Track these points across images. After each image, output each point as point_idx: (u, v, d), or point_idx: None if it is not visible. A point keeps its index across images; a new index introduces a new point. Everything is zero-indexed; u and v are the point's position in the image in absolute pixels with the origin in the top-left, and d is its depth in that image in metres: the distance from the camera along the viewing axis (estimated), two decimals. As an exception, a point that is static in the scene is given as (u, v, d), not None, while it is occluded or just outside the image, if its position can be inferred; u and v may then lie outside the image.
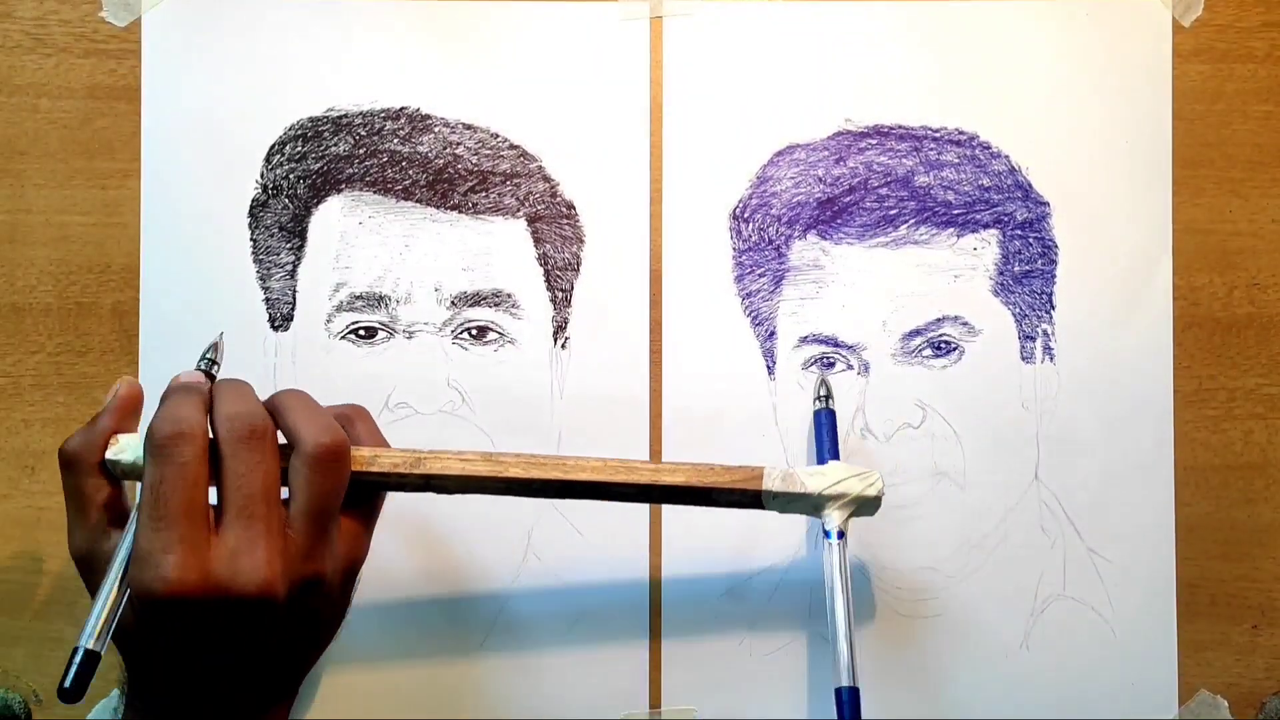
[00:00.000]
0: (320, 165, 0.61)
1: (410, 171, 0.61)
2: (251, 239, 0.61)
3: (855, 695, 0.53)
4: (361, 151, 0.61)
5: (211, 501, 0.49)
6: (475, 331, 0.61)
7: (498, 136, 0.62)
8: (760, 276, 0.61)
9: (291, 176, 0.61)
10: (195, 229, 0.61)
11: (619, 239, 0.61)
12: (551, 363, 0.61)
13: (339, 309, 0.61)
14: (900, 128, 0.62)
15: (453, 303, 0.61)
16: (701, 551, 0.61)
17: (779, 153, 0.62)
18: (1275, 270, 0.62)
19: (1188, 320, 0.61)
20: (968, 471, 0.61)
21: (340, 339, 0.61)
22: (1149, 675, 0.60)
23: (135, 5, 0.61)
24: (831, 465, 0.56)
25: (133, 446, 0.51)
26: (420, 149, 0.61)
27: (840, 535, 0.55)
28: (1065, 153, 0.62)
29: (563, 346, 0.61)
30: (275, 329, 0.61)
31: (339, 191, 0.61)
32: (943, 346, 0.61)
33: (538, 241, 0.61)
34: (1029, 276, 0.61)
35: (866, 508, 0.55)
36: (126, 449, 0.51)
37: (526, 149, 0.62)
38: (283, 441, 0.51)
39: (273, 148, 0.61)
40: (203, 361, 0.54)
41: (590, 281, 0.61)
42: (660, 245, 0.62)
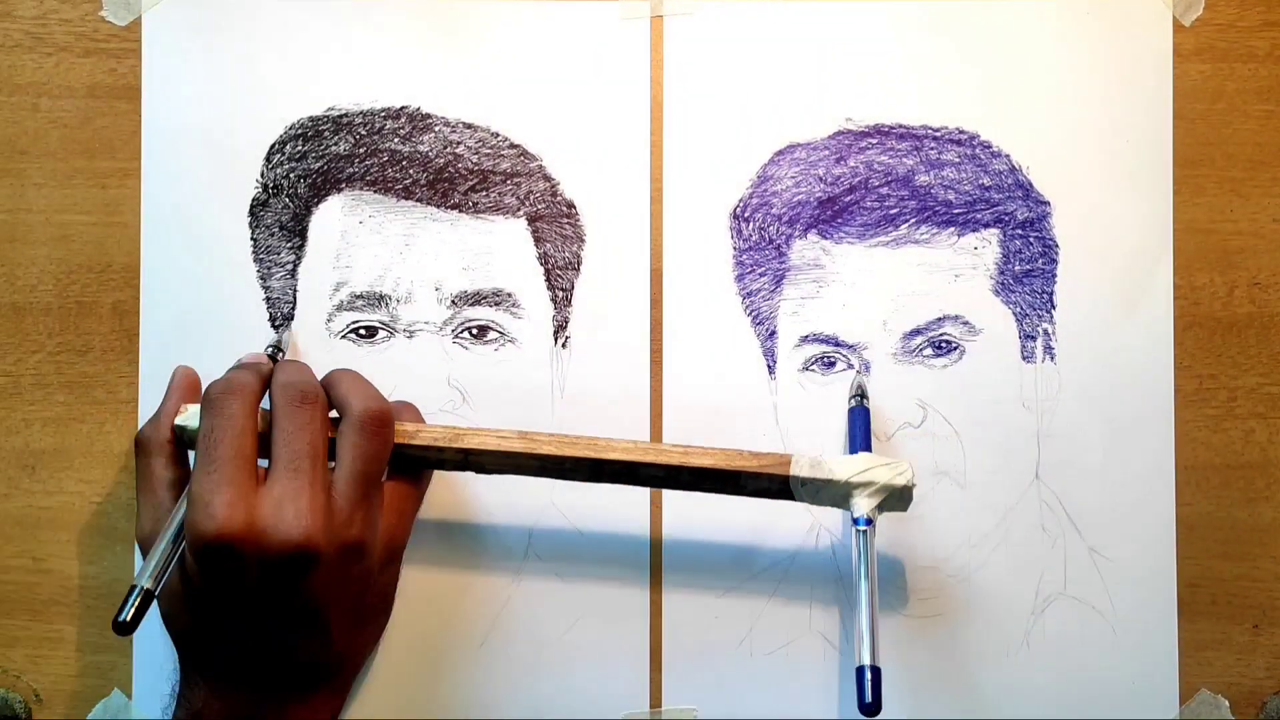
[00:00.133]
0: (320, 164, 0.61)
1: (410, 171, 0.61)
2: (252, 238, 0.61)
3: (877, 674, 0.53)
4: (362, 151, 0.61)
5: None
6: (476, 331, 0.61)
7: (498, 136, 0.61)
8: (761, 276, 0.61)
9: (292, 176, 0.61)
10: (195, 229, 0.61)
11: (619, 238, 0.61)
12: (552, 362, 0.61)
13: (339, 308, 0.61)
14: (901, 127, 0.62)
15: (453, 302, 0.61)
16: (702, 551, 0.61)
17: (779, 152, 0.62)
18: (1276, 270, 0.62)
19: (1188, 320, 0.61)
20: (968, 471, 0.61)
21: (341, 338, 0.61)
22: (1149, 675, 0.60)
23: (135, 5, 0.61)
24: (861, 455, 0.56)
25: (197, 413, 0.54)
26: (420, 148, 0.61)
27: (868, 523, 0.55)
28: (1066, 152, 0.62)
29: (563, 346, 0.61)
30: (276, 328, 0.61)
31: (339, 191, 0.61)
32: (943, 346, 0.61)
33: (538, 241, 0.61)
34: (1030, 276, 0.61)
35: (896, 499, 0.55)
36: (192, 416, 0.55)
37: (527, 148, 0.62)
38: (334, 416, 0.54)
39: (273, 147, 0.61)
40: (268, 348, 0.59)
41: (591, 281, 0.61)
42: (661, 244, 0.62)
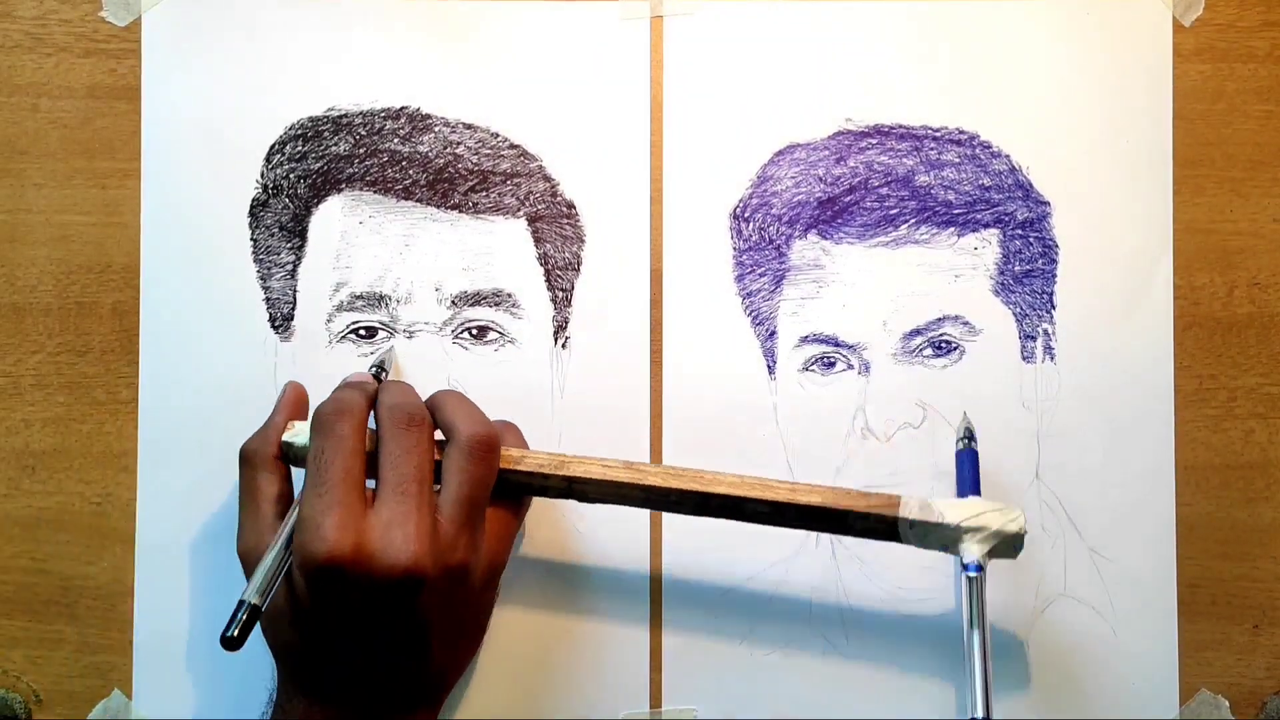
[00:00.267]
0: (320, 165, 0.61)
1: (410, 171, 0.61)
2: (252, 239, 0.61)
3: None
4: (362, 151, 0.61)
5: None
6: (476, 331, 0.61)
7: (498, 136, 0.61)
8: (761, 276, 0.61)
9: (292, 176, 0.61)
10: (195, 229, 0.61)
11: (619, 238, 0.61)
12: (552, 362, 0.61)
13: (339, 309, 0.61)
14: (900, 127, 0.62)
15: (453, 302, 0.61)
16: (702, 551, 0.61)
17: (779, 152, 0.62)
18: (1276, 270, 0.62)
19: (1188, 320, 0.61)
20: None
21: (341, 339, 0.61)
22: (1149, 675, 0.60)
23: (135, 5, 0.61)
24: (972, 499, 0.55)
25: (305, 430, 0.55)
26: (420, 149, 0.61)
27: (978, 569, 0.54)
28: (1065, 152, 0.62)
29: (563, 346, 0.61)
30: (275, 329, 0.61)
31: (339, 191, 0.61)
32: (943, 346, 0.61)
33: (538, 241, 0.61)
34: (1029, 276, 0.61)
35: (1006, 547, 0.54)
36: (300, 433, 0.55)
37: (527, 149, 0.62)
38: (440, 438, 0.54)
39: (273, 147, 0.61)
40: (373, 368, 0.59)
41: (591, 281, 0.61)
42: (661, 245, 0.62)
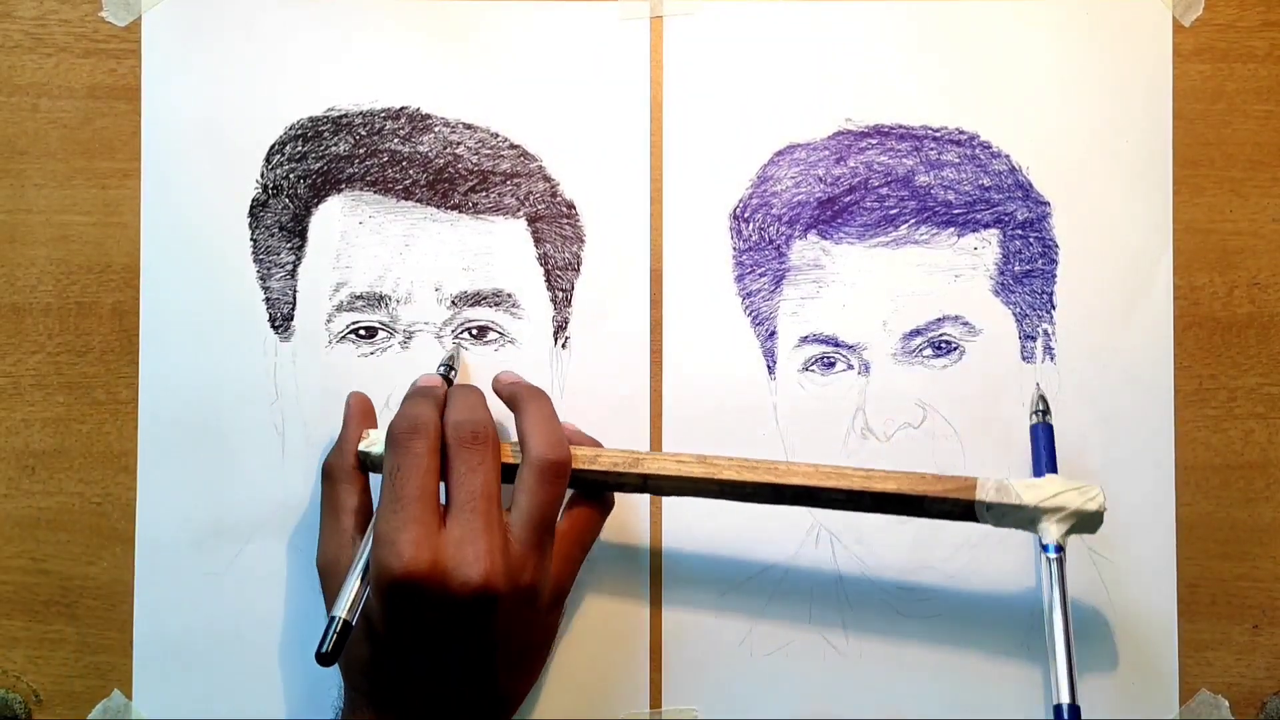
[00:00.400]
0: (320, 165, 0.61)
1: (410, 171, 0.61)
2: (251, 239, 0.61)
3: (1076, 713, 0.52)
4: (361, 151, 0.61)
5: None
6: (476, 331, 0.61)
7: (498, 136, 0.61)
8: (760, 276, 0.61)
9: (292, 176, 0.61)
10: (195, 229, 0.61)
11: (619, 239, 0.61)
12: (552, 362, 0.61)
13: (339, 309, 0.61)
14: (900, 127, 0.62)
15: (453, 302, 0.61)
16: (702, 551, 0.61)
17: (779, 152, 0.62)
18: (1275, 270, 0.62)
19: (1188, 320, 0.61)
20: (968, 471, 0.60)
21: (340, 339, 0.61)
22: (1149, 675, 0.60)
23: (135, 5, 0.61)
24: (1049, 478, 0.55)
25: (381, 440, 0.56)
26: (420, 149, 0.61)
27: (1058, 550, 0.54)
28: (1065, 152, 0.62)
29: (563, 346, 0.61)
30: (275, 329, 0.61)
31: (339, 191, 0.61)
32: (943, 346, 0.61)
33: (538, 241, 0.61)
34: (1029, 276, 0.61)
35: (1086, 523, 0.54)
36: (376, 442, 0.57)
37: (527, 149, 0.62)
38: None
39: (273, 147, 0.61)
40: (441, 367, 0.59)
41: (590, 281, 0.61)
42: (660, 245, 0.62)
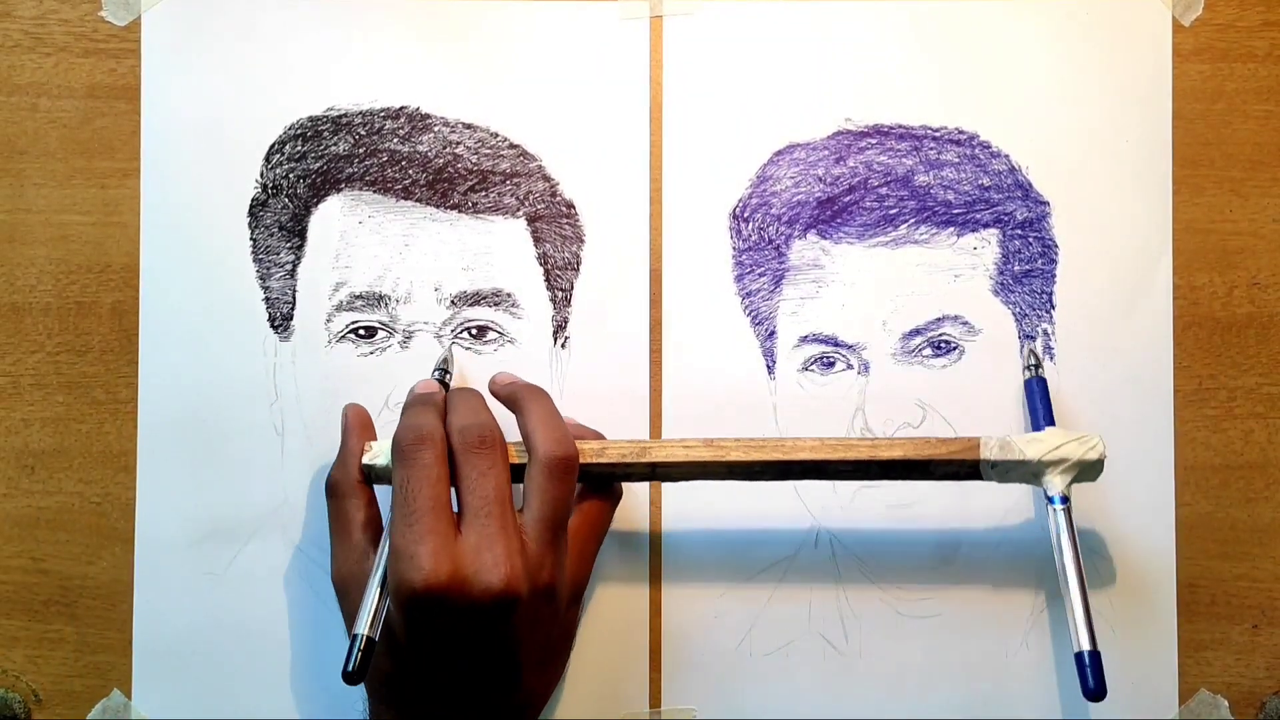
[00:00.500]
0: (320, 164, 0.61)
1: (410, 171, 0.61)
2: (251, 238, 0.61)
3: (1097, 658, 0.53)
4: (361, 151, 0.61)
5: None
6: (475, 331, 0.61)
7: (498, 136, 0.62)
8: (760, 276, 0.61)
9: (291, 176, 0.61)
10: (195, 229, 0.61)
11: (619, 238, 0.61)
12: (552, 362, 0.61)
13: (339, 308, 0.61)
14: (900, 127, 0.62)
15: (453, 302, 0.61)
16: (702, 551, 0.61)
17: (779, 152, 0.62)
18: (1275, 270, 0.62)
19: (1188, 320, 0.61)
20: (968, 471, 0.61)
21: (340, 339, 0.61)
22: (1149, 675, 0.60)
23: (135, 5, 0.62)
24: (1049, 431, 0.56)
25: (384, 451, 0.56)
26: (420, 148, 0.61)
27: (1064, 500, 0.55)
28: (1065, 152, 0.62)
29: (563, 346, 0.61)
30: (275, 328, 0.61)
31: (339, 191, 0.61)
32: (943, 346, 0.61)
33: (538, 241, 0.61)
34: (1029, 276, 0.61)
35: (1088, 472, 0.56)
36: (380, 454, 0.56)
37: (526, 148, 0.62)
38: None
39: (272, 147, 0.61)
40: (436, 371, 0.59)
41: (590, 281, 0.61)
42: (660, 245, 0.62)
